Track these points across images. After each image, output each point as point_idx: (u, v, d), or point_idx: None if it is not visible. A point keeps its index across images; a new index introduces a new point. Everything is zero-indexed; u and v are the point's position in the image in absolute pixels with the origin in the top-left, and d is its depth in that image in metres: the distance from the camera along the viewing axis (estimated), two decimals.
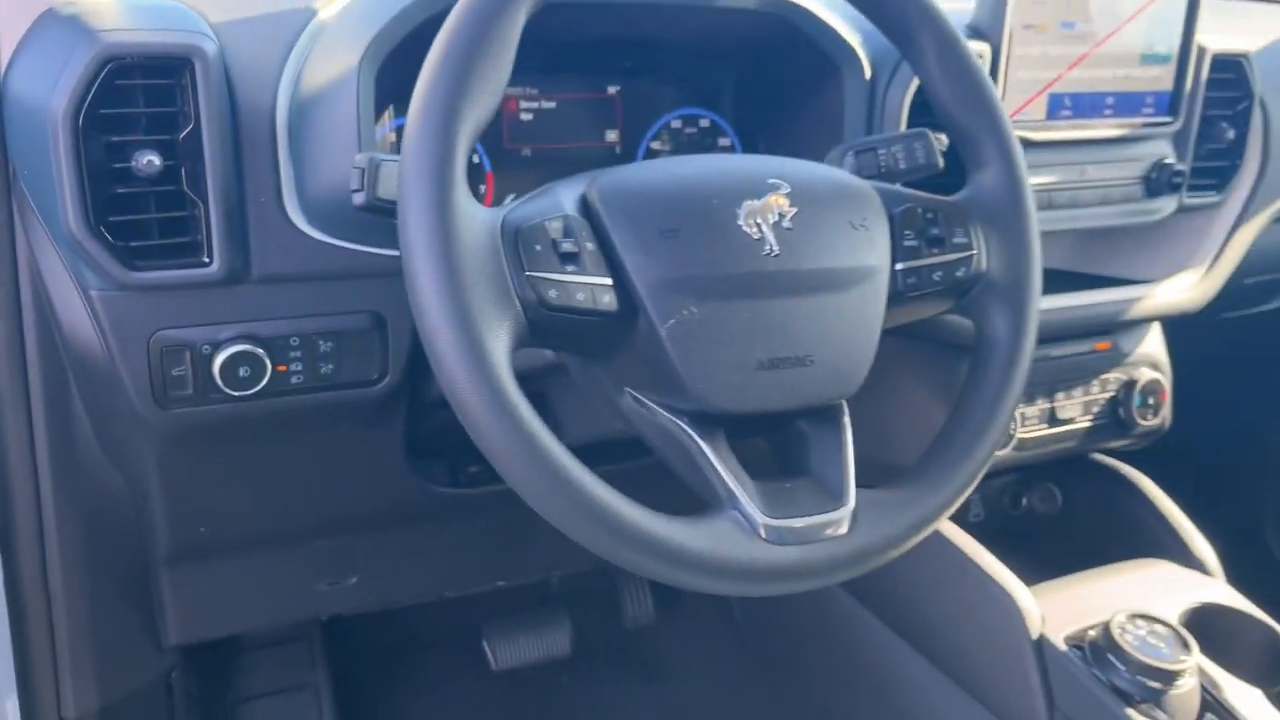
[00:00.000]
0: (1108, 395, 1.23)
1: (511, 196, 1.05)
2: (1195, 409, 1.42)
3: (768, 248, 0.75)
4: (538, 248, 0.69)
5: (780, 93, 1.10)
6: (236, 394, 0.86)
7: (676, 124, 1.13)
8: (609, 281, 0.71)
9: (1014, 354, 0.83)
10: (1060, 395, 1.21)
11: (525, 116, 1.06)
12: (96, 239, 0.79)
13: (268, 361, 0.87)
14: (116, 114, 0.78)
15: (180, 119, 0.81)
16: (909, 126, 1.01)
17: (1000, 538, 1.40)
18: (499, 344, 0.66)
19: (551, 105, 1.07)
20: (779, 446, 0.81)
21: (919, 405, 1.14)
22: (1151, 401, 1.24)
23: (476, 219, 0.68)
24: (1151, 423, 1.25)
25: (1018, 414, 1.17)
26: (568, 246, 0.70)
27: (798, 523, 0.73)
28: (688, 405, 0.74)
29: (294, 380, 0.89)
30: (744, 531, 0.71)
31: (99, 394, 0.91)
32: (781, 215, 0.76)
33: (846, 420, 0.79)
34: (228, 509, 1.02)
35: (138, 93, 0.79)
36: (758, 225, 0.75)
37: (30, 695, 1.04)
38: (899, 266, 0.81)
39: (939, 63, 0.83)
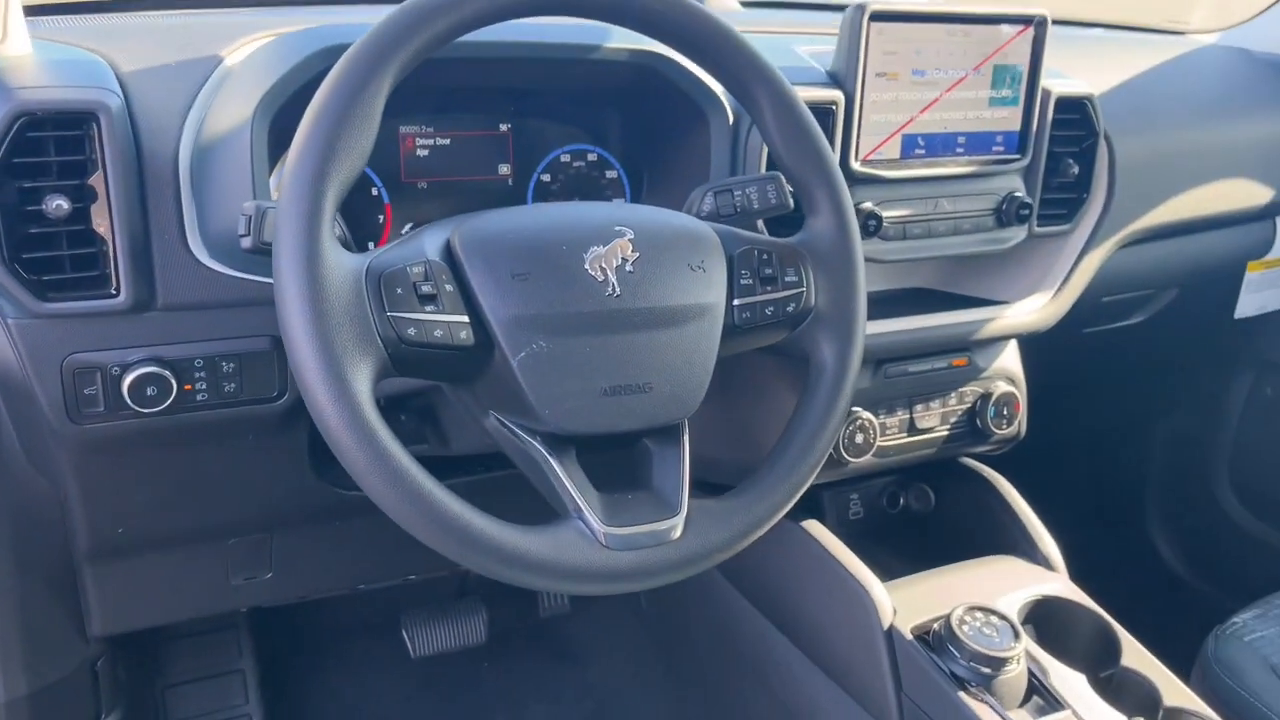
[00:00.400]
0: (964, 406, 1.35)
1: (409, 226, 1.15)
2: (1056, 416, 1.54)
3: (610, 289, 0.85)
4: (399, 290, 0.79)
5: (658, 132, 1.19)
6: (145, 410, 0.95)
7: (565, 158, 1.21)
8: (466, 319, 0.81)
9: (838, 380, 0.94)
10: (919, 406, 1.32)
11: (421, 152, 1.15)
12: (11, 274, 0.88)
13: (174, 381, 0.96)
14: (29, 163, 0.87)
15: (89, 165, 0.89)
16: (767, 168, 1.12)
17: (877, 534, 1.52)
18: (360, 376, 0.76)
19: (446, 141, 1.15)
20: (627, 461, 0.91)
21: (781, 412, 1.24)
22: (1006, 412, 1.36)
23: (343, 266, 0.77)
24: (1006, 431, 1.37)
25: (877, 422, 1.28)
26: (427, 289, 0.80)
27: (634, 530, 0.83)
28: (540, 427, 0.84)
29: (199, 398, 0.98)
30: (585, 539, 0.82)
31: (20, 407, 0.99)
32: (625, 259, 0.86)
33: (685, 438, 0.89)
34: (143, 511, 1.11)
35: (49, 143, 0.87)
36: (602, 269, 0.85)
37: None
38: (735, 302, 0.92)
39: (774, 118, 0.94)
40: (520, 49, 1.04)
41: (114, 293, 0.92)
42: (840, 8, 1.66)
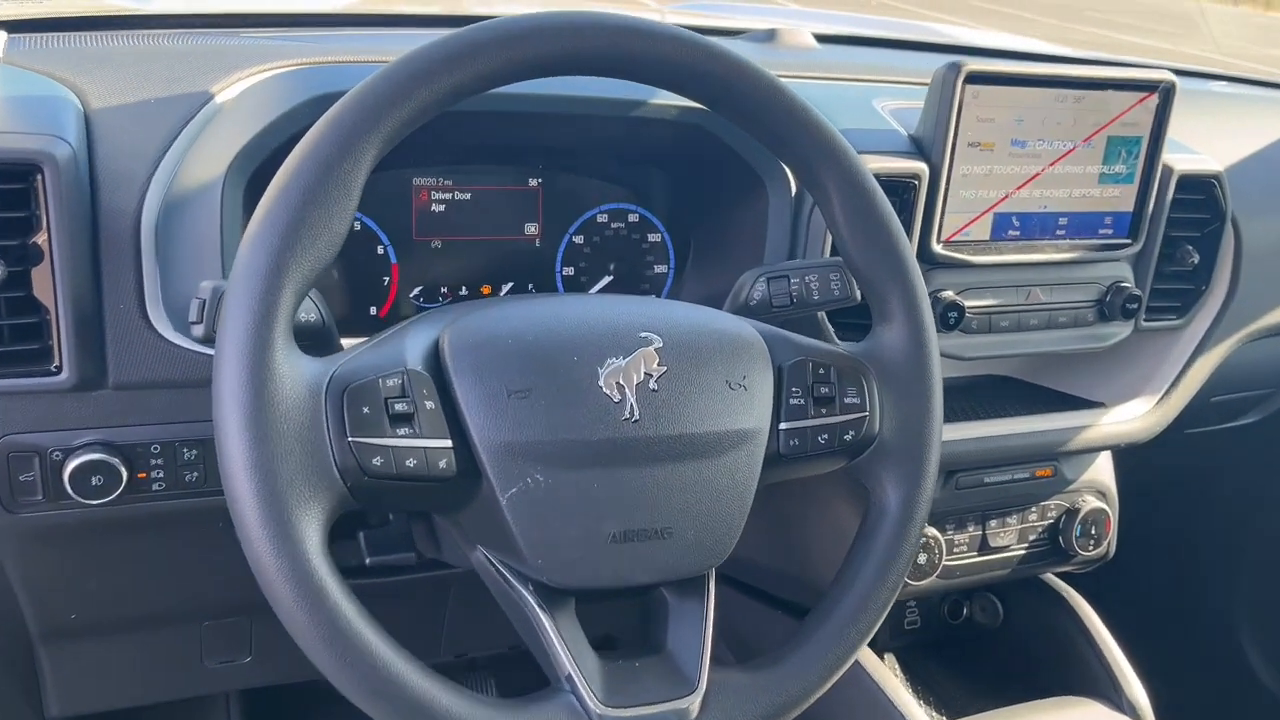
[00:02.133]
0: (1046, 523, 1.17)
1: (417, 290, 1.01)
2: (1150, 527, 1.36)
3: (628, 412, 0.70)
4: (365, 409, 0.65)
5: (709, 197, 1.05)
6: (90, 501, 0.83)
7: (603, 218, 1.07)
8: (448, 444, 0.67)
9: (902, 530, 0.78)
10: (994, 522, 1.15)
11: (437, 207, 1.01)
12: None
13: (123, 470, 0.84)
14: None
15: (34, 223, 0.77)
16: (832, 250, 0.94)
17: (936, 648, 1.35)
18: (308, 518, 0.62)
19: (466, 196, 1.02)
20: (639, 611, 0.76)
21: (840, 520, 1.08)
22: (1094, 531, 1.18)
23: (298, 379, 0.63)
24: (1093, 553, 1.19)
25: (944, 539, 1.11)
26: (401, 407, 0.66)
27: (639, 711, 0.68)
28: (532, 575, 0.70)
29: (155, 487, 0.86)
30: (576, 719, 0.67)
31: None
32: (649, 375, 0.71)
33: (711, 589, 0.75)
34: (96, 598, 0.99)
35: None
36: (619, 387, 0.70)
37: None
38: (782, 427, 0.76)
39: (843, 206, 0.78)
40: (551, 103, 0.90)
41: (55, 369, 0.80)
42: (929, 48, 1.52)
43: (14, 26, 0.98)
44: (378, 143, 0.65)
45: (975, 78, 0.97)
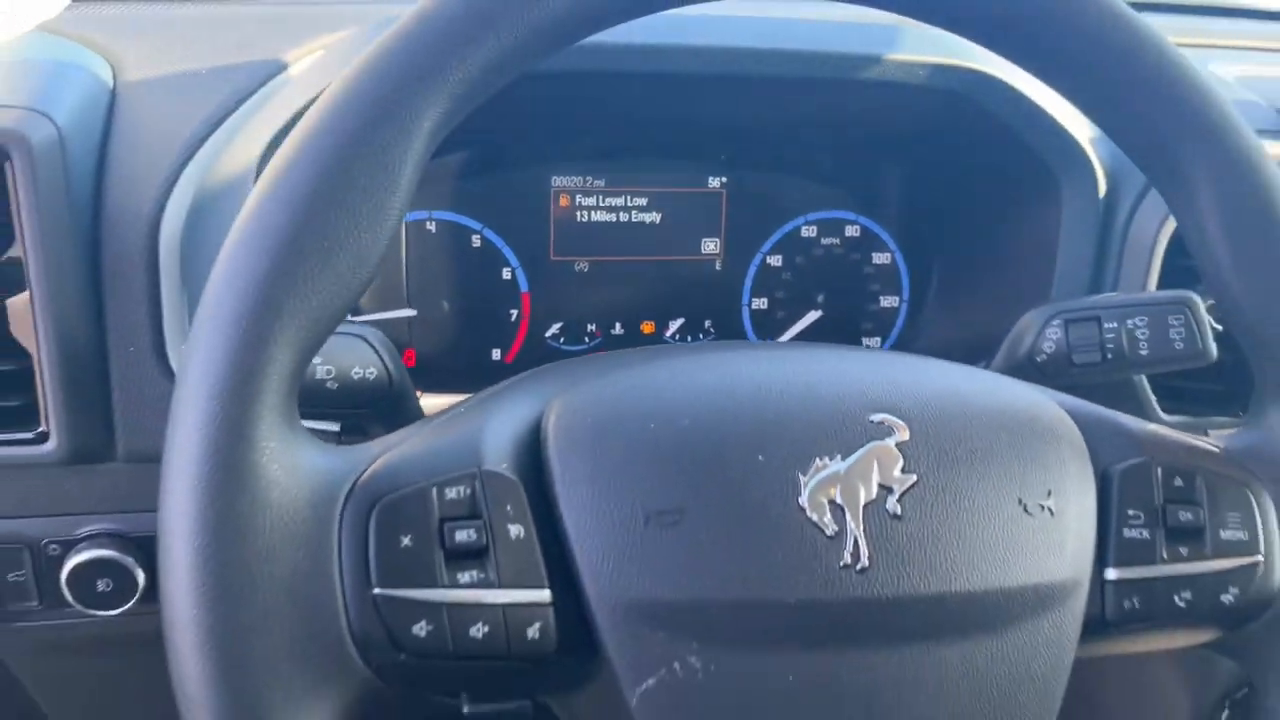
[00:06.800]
0: None
1: (556, 328, 0.79)
2: None
3: (850, 554, 0.44)
4: (405, 540, 0.42)
5: (966, 203, 0.85)
6: (98, 612, 0.65)
7: (810, 231, 0.87)
8: (544, 597, 0.43)
9: None
10: None
11: (582, 216, 0.83)
12: None
13: (139, 571, 0.65)
14: None
15: (6, 233, 0.58)
16: (1165, 278, 0.73)
17: None
18: None
19: (621, 201, 0.82)
20: None
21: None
22: None
23: (295, 487, 0.41)
24: None
25: None
26: (465, 536, 0.43)
27: None
28: None
29: None
30: None
31: None
32: (886, 490, 0.45)
33: None
34: (123, 712, 0.83)
35: None
36: (836, 508, 0.44)
37: None
38: (1111, 576, 0.49)
39: (1223, 209, 0.49)
40: (737, 60, 0.69)
41: (41, 435, 0.62)
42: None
43: None
44: (441, 102, 0.42)
45: None
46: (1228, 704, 0.65)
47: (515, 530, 0.43)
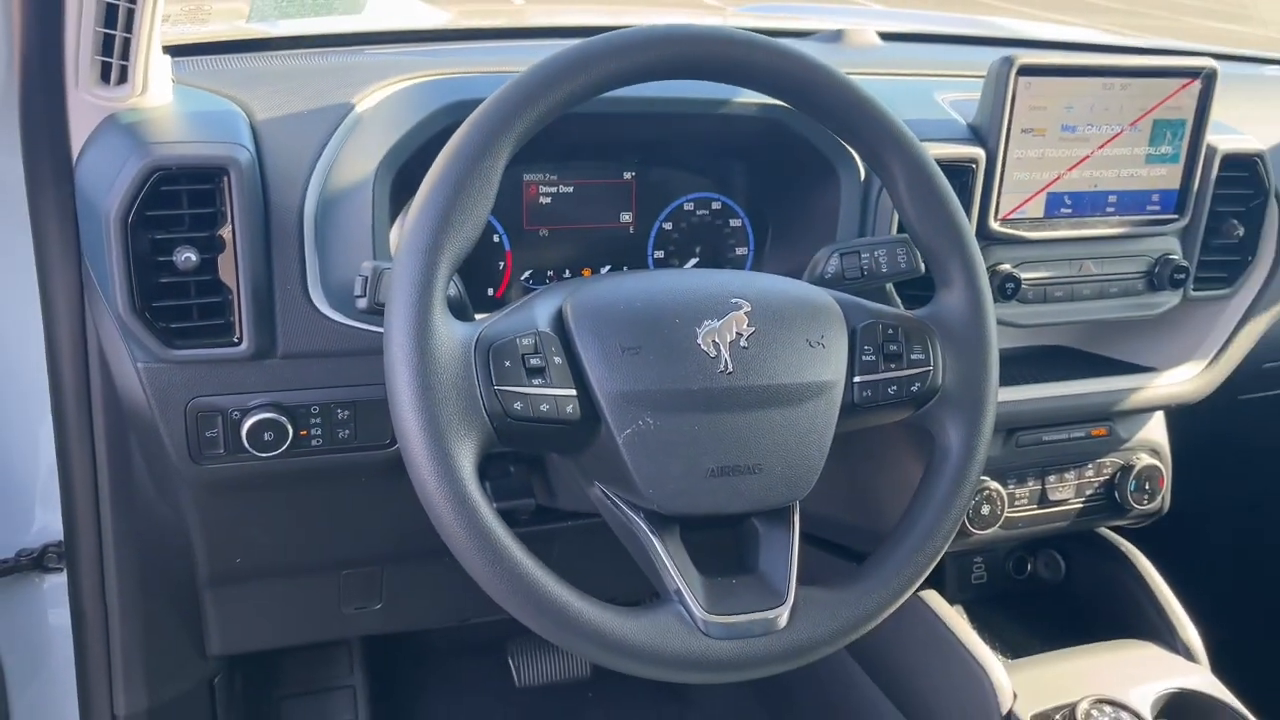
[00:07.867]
0: (1102, 478, 1.27)
1: (528, 273, 1.14)
2: (1205, 486, 1.44)
3: (722, 365, 0.82)
4: (507, 363, 0.78)
5: (785, 185, 1.16)
6: (262, 455, 0.97)
7: (689, 206, 1.19)
8: (573, 392, 0.80)
9: (963, 467, 0.89)
10: (1053, 477, 1.24)
11: (544, 200, 1.14)
12: (141, 321, 0.90)
13: (290, 427, 0.97)
14: (161, 215, 0.89)
15: (218, 218, 0.91)
16: (899, 227, 1.06)
17: (1001, 601, 1.44)
18: (464, 451, 0.75)
19: (569, 189, 1.14)
20: (734, 540, 0.88)
21: (900, 479, 1.19)
22: (1148, 486, 1.27)
23: (453, 338, 0.76)
24: (1147, 506, 1.28)
25: (1006, 493, 1.21)
26: (535, 362, 0.79)
27: (737, 619, 0.80)
28: (644, 504, 0.81)
29: (314, 443, 1.00)
30: (685, 625, 0.79)
31: (147, 443, 1.02)
32: (740, 334, 0.83)
33: (795, 520, 0.86)
34: (259, 544, 1.13)
35: (181, 196, 0.89)
36: (715, 344, 0.82)
37: (87, 695, 1.17)
38: (856, 380, 0.87)
39: (908, 187, 0.89)
40: (646, 104, 1.02)
41: (236, 341, 0.93)
42: (985, 42, 1.62)
43: (177, 51, 1.13)
44: (512, 141, 0.78)
45: (1027, 70, 1.07)
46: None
47: (558, 359, 0.79)
